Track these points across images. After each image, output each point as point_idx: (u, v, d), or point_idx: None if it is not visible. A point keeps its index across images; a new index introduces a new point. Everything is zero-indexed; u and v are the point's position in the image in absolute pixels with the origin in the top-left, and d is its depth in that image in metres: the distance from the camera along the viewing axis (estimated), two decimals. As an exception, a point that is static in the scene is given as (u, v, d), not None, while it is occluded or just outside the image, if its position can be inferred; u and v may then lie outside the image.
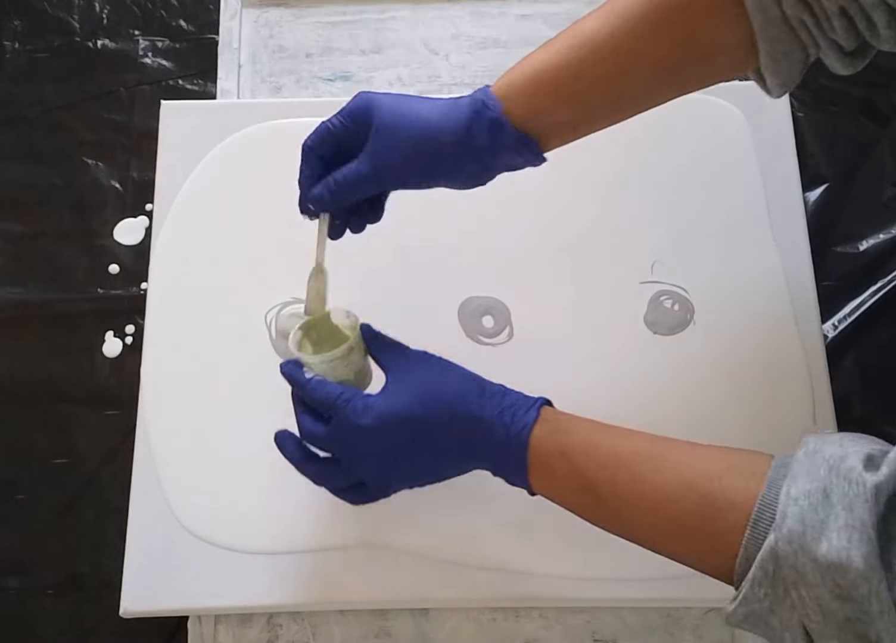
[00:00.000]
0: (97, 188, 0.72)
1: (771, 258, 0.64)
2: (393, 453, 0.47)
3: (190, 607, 0.58)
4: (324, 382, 0.49)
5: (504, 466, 0.47)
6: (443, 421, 0.47)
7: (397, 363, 0.50)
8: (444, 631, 0.59)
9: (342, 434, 0.48)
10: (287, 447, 0.51)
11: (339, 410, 0.47)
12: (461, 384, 0.48)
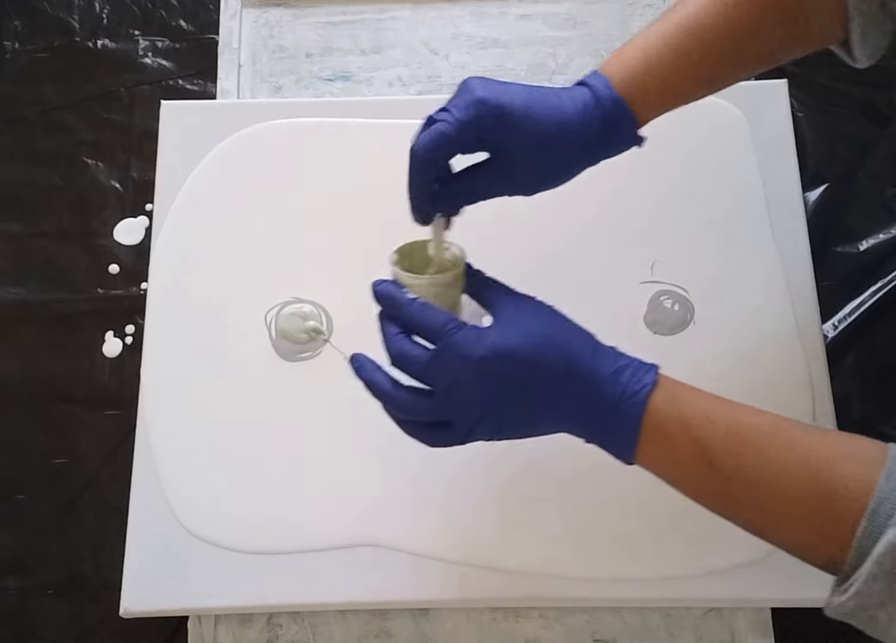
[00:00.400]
0: (97, 188, 0.72)
1: (771, 258, 0.64)
2: (495, 393, 0.43)
3: (190, 607, 0.58)
4: (430, 305, 0.45)
5: (609, 429, 0.44)
6: (554, 368, 0.43)
7: (505, 303, 0.46)
8: (444, 631, 0.59)
9: (448, 362, 0.44)
10: (368, 371, 0.47)
11: (449, 336, 0.44)
12: (577, 335, 0.45)
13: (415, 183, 0.48)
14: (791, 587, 0.56)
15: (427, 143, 0.46)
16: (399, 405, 0.46)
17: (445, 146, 0.46)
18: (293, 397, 0.62)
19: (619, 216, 0.66)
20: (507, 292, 0.47)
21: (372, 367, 0.47)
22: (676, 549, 0.57)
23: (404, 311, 0.46)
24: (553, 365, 0.43)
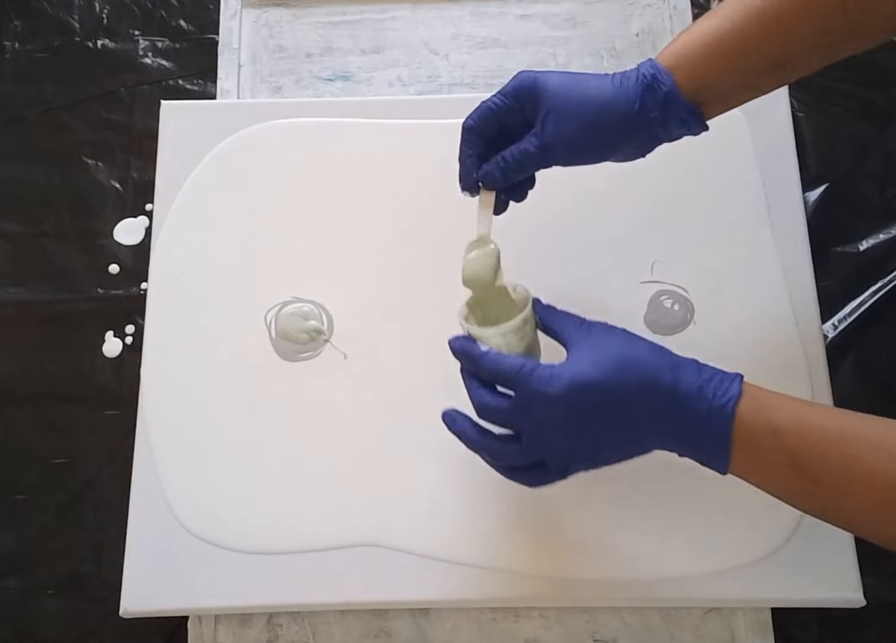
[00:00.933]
0: (97, 188, 0.72)
1: (771, 258, 0.64)
2: (581, 426, 0.44)
3: (190, 607, 0.58)
4: (502, 354, 0.46)
5: (701, 443, 0.44)
6: (635, 392, 0.44)
7: (577, 334, 0.47)
8: (444, 631, 0.59)
9: (528, 405, 0.45)
10: (458, 424, 0.48)
11: (524, 381, 0.44)
12: (653, 354, 0.46)
13: (462, 153, 0.52)
14: (791, 587, 0.56)
15: (473, 114, 0.51)
16: (492, 454, 0.48)
17: (489, 116, 0.51)
18: (293, 397, 0.62)
19: (620, 216, 0.66)
20: (577, 323, 0.48)
21: (462, 420, 0.49)
22: (676, 549, 0.57)
23: (479, 364, 0.47)
24: (634, 389, 0.44)
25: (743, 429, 0.43)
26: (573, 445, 0.45)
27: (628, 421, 0.45)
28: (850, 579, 0.56)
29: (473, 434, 0.48)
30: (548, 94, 0.49)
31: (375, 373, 0.62)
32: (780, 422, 0.43)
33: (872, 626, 0.58)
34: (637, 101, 0.48)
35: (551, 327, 0.49)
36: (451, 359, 0.62)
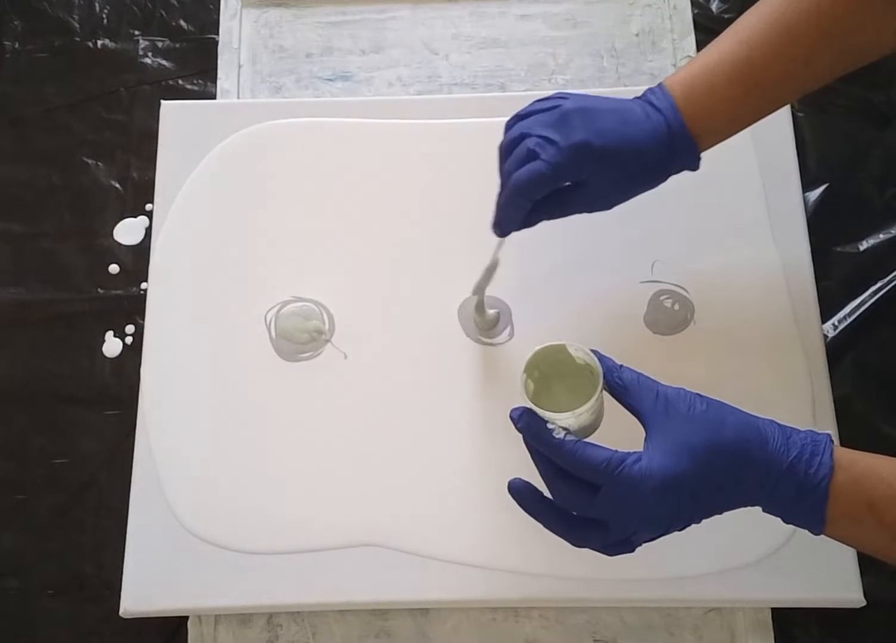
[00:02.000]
0: (97, 188, 0.72)
1: (771, 258, 0.64)
2: (670, 515, 0.44)
3: (190, 607, 0.58)
4: (583, 445, 0.44)
5: (796, 517, 0.44)
6: (726, 479, 0.43)
7: (654, 411, 0.45)
8: (444, 631, 0.59)
9: (617, 502, 0.43)
10: (531, 504, 0.46)
11: (612, 478, 0.43)
12: (741, 433, 0.44)
13: (509, 208, 0.52)
14: (791, 587, 0.56)
15: (530, 180, 0.50)
16: (572, 539, 0.46)
17: (543, 183, 0.50)
18: (293, 397, 0.62)
19: (619, 216, 0.66)
20: (653, 397, 0.45)
21: (535, 500, 0.46)
22: (676, 549, 0.57)
23: (560, 453, 0.44)
24: (724, 477, 0.43)
25: (838, 506, 0.43)
26: (661, 531, 0.45)
27: (720, 502, 0.44)
28: (850, 579, 0.56)
29: (552, 518, 0.46)
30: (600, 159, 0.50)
31: (376, 373, 0.62)
32: (876, 497, 0.42)
33: (872, 626, 0.58)
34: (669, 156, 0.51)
35: (626, 400, 0.46)
36: (452, 360, 0.62)
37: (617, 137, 0.50)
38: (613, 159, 0.50)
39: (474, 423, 0.61)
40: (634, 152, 0.50)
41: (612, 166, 0.50)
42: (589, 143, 0.49)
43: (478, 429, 0.60)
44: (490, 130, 0.68)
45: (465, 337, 0.63)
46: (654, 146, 0.50)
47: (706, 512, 0.45)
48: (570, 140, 0.50)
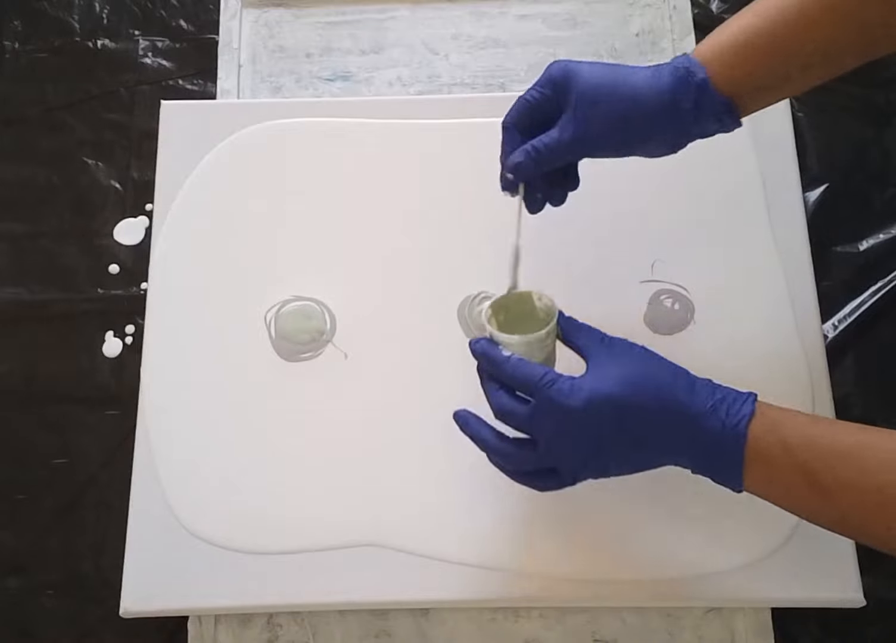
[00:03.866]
0: (97, 188, 0.72)
1: (771, 258, 0.64)
2: (596, 438, 0.45)
3: (190, 607, 0.58)
4: (525, 361, 0.47)
5: (714, 462, 0.45)
6: (652, 409, 0.45)
7: (597, 349, 0.48)
8: (444, 631, 0.59)
9: (546, 414, 0.46)
10: (472, 425, 0.49)
11: (544, 390, 0.45)
12: (671, 374, 0.46)
13: (502, 151, 0.52)
14: (791, 587, 0.56)
15: (511, 112, 0.51)
16: (505, 457, 0.49)
17: (524, 110, 0.51)
18: (293, 397, 0.62)
19: (619, 215, 0.66)
20: (599, 339, 0.49)
21: (476, 422, 0.50)
22: (676, 549, 0.57)
23: (501, 368, 0.48)
24: (650, 406, 0.45)
25: (755, 446, 0.44)
26: (586, 456, 0.46)
27: (642, 437, 0.46)
28: (850, 579, 0.56)
29: (488, 436, 0.49)
30: (579, 82, 0.49)
31: (376, 373, 0.62)
32: (790, 439, 0.43)
33: (872, 626, 0.58)
34: (668, 92, 0.48)
35: (573, 341, 0.49)
36: (452, 360, 0.62)
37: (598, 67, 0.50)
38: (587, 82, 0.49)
39: (474, 423, 0.61)
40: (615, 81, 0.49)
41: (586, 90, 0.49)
42: (565, 66, 0.50)
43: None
44: (490, 130, 0.68)
45: (465, 337, 0.63)
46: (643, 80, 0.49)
47: (630, 446, 0.46)
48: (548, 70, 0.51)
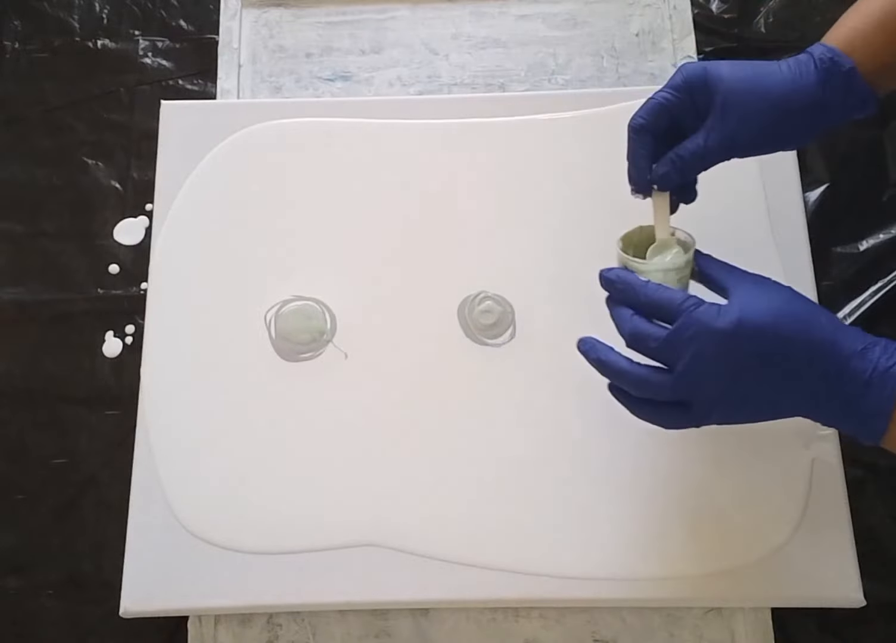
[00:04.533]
0: (97, 188, 0.72)
1: (771, 258, 0.64)
2: (739, 368, 0.43)
3: (190, 607, 0.58)
4: (664, 286, 0.46)
5: (856, 408, 0.43)
6: (800, 342, 0.43)
7: (741, 281, 0.46)
8: (444, 631, 0.59)
9: (689, 337, 0.44)
10: (601, 351, 0.48)
11: (688, 313, 0.44)
12: (819, 312, 0.45)
13: (631, 153, 0.50)
14: (791, 587, 0.56)
15: (641, 112, 0.50)
16: (637, 382, 0.46)
17: (659, 112, 0.49)
18: (293, 397, 0.62)
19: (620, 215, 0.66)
20: (740, 273, 0.47)
21: (604, 348, 0.48)
22: (676, 549, 0.57)
23: (639, 292, 0.46)
24: (797, 339, 0.43)
25: None
26: (724, 387, 0.44)
27: (786, 372, 0.43)
28: (850, 579, 0.56)
29: (618, 359, 0.47)
30: (722, 85, 0.48)
31: (376, 373, 0.62)
32: None
33: (872, 626, 0.58)
34: (817, 86, 0.47)
35: (713, 274, 0.48)
36: (452, 360, 0.62)
37: (735, 65, 0.48)
38: (730, 83, 0.47)
39: (474, 424, 0.61)
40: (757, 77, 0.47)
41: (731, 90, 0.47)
42: (702, 67, 0.48)
43: (477, 430, 0.60)
44: (490, 130, 0.68)
45: (465, 337, 0.63)
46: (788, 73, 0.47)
47: (771, 381, 0.44)
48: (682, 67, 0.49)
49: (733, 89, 0.47)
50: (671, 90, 0.49)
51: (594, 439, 0.60)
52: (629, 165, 0.51)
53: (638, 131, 0.50)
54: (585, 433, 0.60)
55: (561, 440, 0.60)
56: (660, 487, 0.58)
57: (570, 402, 0.61)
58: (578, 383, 0.61)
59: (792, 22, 0.74)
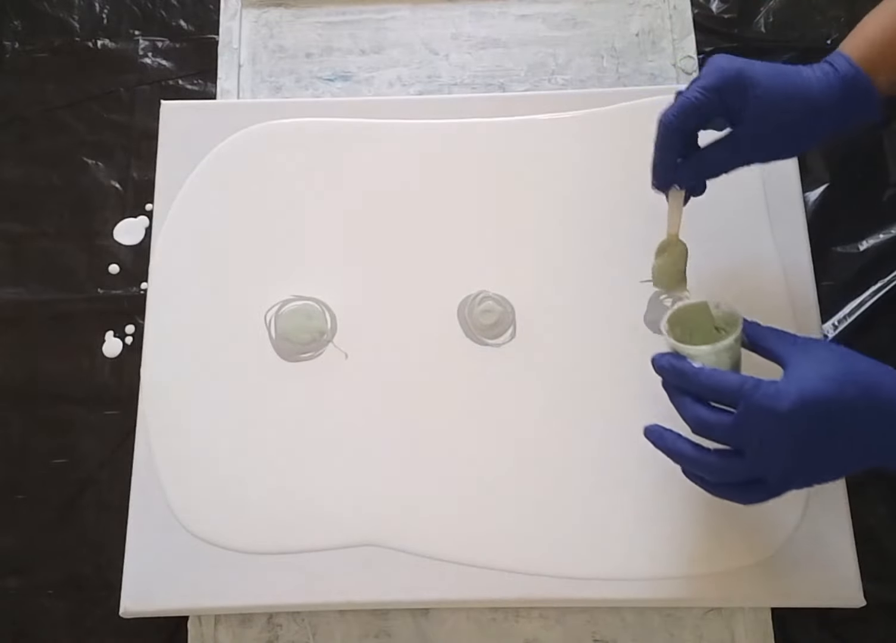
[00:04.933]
0: (97, 188, 0.72)
1: (771, 258, 0.64)
2: (808, 442, 0.43)
3: (190, 607, 0.58)
4: (719, 371, 0.46)
5: None
6: (863, 407, 0.43)
7: (792, 350, 0.46)
8: (444, 631, 0.59)
9: (754, 421, 0.44)
10: (669, 440, 0.48)
11: (749, 396, 0.44)
12: (875, 369, 0.45)
13: (659, 150, 0.51)
14: (791, 587, 0.56)
15: (673, 110, 0.50)
16: (710, 470, 0.47)
17: (691, 112, 0.49)
18: (293, 397, 0.62)
19: (620, 215, 0.66)
20: (792, 340, 0.47)
21: (671, 437, 0.48)
22: (676, 549, 0.57)
23: (695, 380, 0.46)
24: (860, 406, 0.43)
25: None
26: (798, 462, 0.44)
27: (855, 436, 0.44)
28: (850, 579, 0.56)
29: (688, 449, 0.47)
30: (756, 89, 0.48)
31: (376, 373, 0.62)
32: None
33: (872, 626, 0.58)
34: (840, 98, 0.48)
35: (764, 345, 0.48)
36: (452, 360, 0.62)
37: (768, 69, 0.49)
38: (766, 90, 0.48)
39: (474, 424, 0.61)
40: (791, 86, 0.49)
41: (766, 99, 0.48)
42: (737, 70, 0.49)
43: (478, 430, 0.60)
44: (490, 130, 0.68)
45: (465, 337, 0.63)
46: (816, 84, 0.49)
47: (843, 452, 0.44)
48: (715, 65, 0.50)
49: (771, 99, 0.48)
50: (704, 91, 0.49)
51: (594, 439, 0.60)
52: (655, 162, 0.52)
53: (669, 128, 0.50)
54: (585, 433, 0.60)
55: (561, 440, 0.60)
56: (660, 487, 0.59)
57: (570, 402, 0.61)
58: (578, 383, 0.61)
59: (792, 22, 0.74)
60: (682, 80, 0.72)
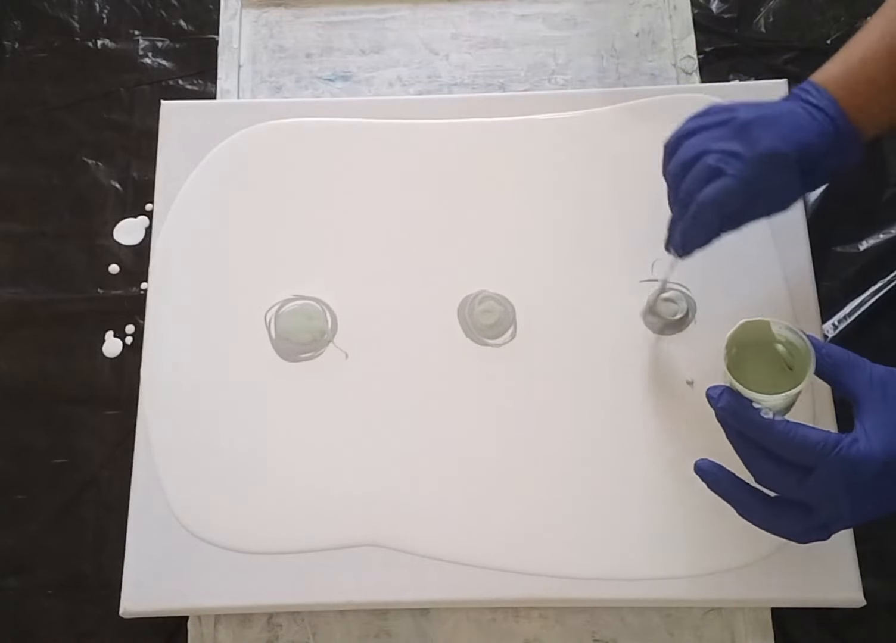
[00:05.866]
0: (97, 188, 0.72)
1: (771, 258, 0.64)
2: (888, 496, 0.43)
3: (190, 607, 0.58)
4: (795, 426, 0.43)
5: None
6: None
7: (869, 391, 0.44)
8: (444, 631, 0.59)
9: (831, 485, 0.42)
10: (725, 484, 0.45)
11: (828, 460, 0.41)
12: None
13: (696, 230, 0.52)
14: (791, 587, 0.56)
15: (713, 198, 0.49)
16: (772, 523, 0.45)
17: (733, 200, 0.50)
18: (293, 397, 0.62)
19: (620, 215, 0.66)
20: (867, 378, 0.44)
21: (728, 479, 0.46)
22: (676, 549, 0.57)
23: (767, 435, 0.43)
24: None
25: None
26: (868, 513, 0.43)
27: None
28: (850, 579, 0.56)
29: (747, 498, 0.45)
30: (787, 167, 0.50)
31: (377, 373, 0.62)
32: None
33: (872, 626, 0.58)
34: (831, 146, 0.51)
35: (839, 380, 0.46)
36: (452, 360, 0.62)
37: (796, 142, 0.50)
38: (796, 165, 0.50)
39: (474, 424, 0.61)
40: (808, 155, 0.50)
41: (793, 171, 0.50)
42: (779, 152, 0.49)
43: (478, 430, 0.61)
44: (490, 130, 0.68)
45: (466, 337, 0.63)
46: (823, 146, 0.50)
47: None
48: (756, 150, 0.49)
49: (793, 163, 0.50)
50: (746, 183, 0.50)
51: (594, 439, 0.60)
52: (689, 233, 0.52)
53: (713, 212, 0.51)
54: (585, 433, 0.60)
55: (561, 440, 0.60)
56: (660, 487, 0.58)
57: (571, 402, 0.61)
58: (579, 383, 0.61)
59: (792, 22, 0.74)
60: (682, 80, 0.72)
